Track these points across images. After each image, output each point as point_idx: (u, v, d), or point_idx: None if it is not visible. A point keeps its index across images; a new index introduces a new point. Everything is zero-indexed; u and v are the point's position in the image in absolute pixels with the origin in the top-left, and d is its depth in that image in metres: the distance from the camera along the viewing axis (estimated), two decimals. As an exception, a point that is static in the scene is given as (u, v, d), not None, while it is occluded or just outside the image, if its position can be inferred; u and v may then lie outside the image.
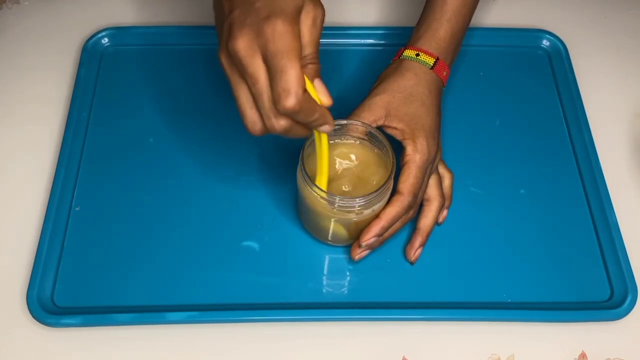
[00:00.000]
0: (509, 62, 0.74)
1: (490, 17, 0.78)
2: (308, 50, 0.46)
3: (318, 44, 0.47)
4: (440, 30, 0.61)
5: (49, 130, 0.68)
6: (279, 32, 0.43)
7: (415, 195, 0.56)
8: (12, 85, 0.71)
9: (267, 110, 0.45)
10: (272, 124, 0.46)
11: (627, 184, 0.66)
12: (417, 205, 0.59)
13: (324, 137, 0.51)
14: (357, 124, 0.56)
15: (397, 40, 0.71)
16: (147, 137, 0.67)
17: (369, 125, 0.56)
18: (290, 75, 0.43)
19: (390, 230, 0.57)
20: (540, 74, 0.74)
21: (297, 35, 0.44)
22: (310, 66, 0.46)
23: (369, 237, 0.56)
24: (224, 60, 0.46)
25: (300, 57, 0.44)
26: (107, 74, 0.71)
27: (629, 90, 0.73)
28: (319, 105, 0.46)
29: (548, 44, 0.75)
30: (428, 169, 0.57)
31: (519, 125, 0.69)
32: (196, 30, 0.75)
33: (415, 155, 0.56)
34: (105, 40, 0.74)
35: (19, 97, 0.70)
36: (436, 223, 0.61)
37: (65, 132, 0.66)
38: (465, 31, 0.64)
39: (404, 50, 0.61)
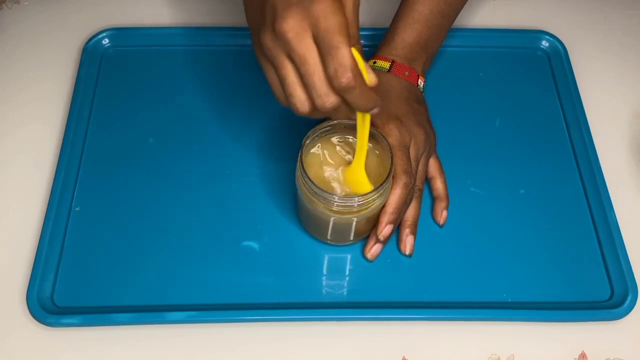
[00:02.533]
0: (508, 62, 0.74)
1: (489, 18, 0.78)
2: (352, 30, 0.46)
3: (359, 24, 0.47)
4: (398, 38, 0.64)
5: (49, 130, 0.68)
6: (329, 10, 0.43)
7: (407, 173, 0.57)
8: (12, 85, 0.71)
9: (318, 89, 0.45)
10: (323, 102, 0.46)
11: (627, 184, 0.66)
12: (417, 187, 0.60)
13: (367, 119, 0.51)
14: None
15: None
16: (147, 137, 0.67)
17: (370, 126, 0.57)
18: (345, 51, 0.44)
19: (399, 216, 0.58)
20: (539, 74, 0.74)
21: (344, 14, 0.45)
22: (356, 46, 0.47)
23: (382, 227, 0.57)
24: (268, 42, 0.46)
25: (349, 35, 0.45)
26: (108, 75, 0.72)
27: (629, 90, 0.73)
28: (369, 87, 0.47)
29: (547, 44, 0.75)
30: (412, 153, 0.58)
31: (518, 125, 0.69)
32: (196, 31, 0.75)
33: (389, 138, 0.57)
34: (105, 41, 0.74)
35: (19, 97, 0.70)
36: (438, 224, 0.62)
37: (65, 133, 0.66)
38: (438, 36, 0.66)
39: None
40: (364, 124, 0.51)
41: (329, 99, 0.46)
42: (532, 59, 0.75)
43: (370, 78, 0.48)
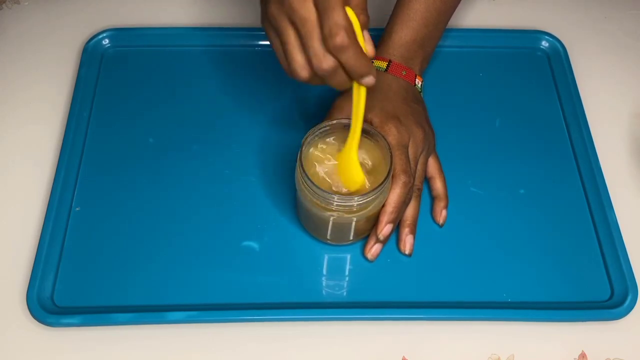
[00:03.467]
0: (508, 63, 0.75)
1: (489, 18, 0.78)
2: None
3: None
4: (395, 36, 0.64)
5: (49, 130, 0.68)
6: None
7: (406, 172, 0.57)
8: (13, 85, 0.71)
9: (315, 50, 0.47)
10: (320, 63, 0.48)
11: (627, 184, 0.66)
12: (416, 186, 0.60)
13: (363, 92, 0.51)
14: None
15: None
16: (147, 137, 0.67)
17: (369, 125, 0.57)
18: (339, 12, 0.45)
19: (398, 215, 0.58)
20: (539, 74, 0.74)
21: None
22: (360, 17, 0.48)
23: (382, 227, 0.57)
24: (273, 9, 0.48)
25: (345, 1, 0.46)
26: (108, 75, 0.72)
27: (629, 90, 0.73)
28: (365, 54, 0.48)
29: (547, 45, 0.75)
30: (411, 153, 0.58)
31: (518, 125, 0.69)
32: (196, 31, 0.75)
33: (388, 137, 0.57)
34: (106, 42, 0.74)
35: (19, 97, 0.70)
36: (438, 224, 0.62)
37: (65, 133, 0.66)
38: (435, 34, 0.66)
39: None
40: (359, 98, 0.51)
41: (325, 60, 0.47)
42: (532, 59, 0.75)
43: (367, 48, 0.49)
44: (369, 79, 0.49)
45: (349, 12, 0.47)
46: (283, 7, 0.47)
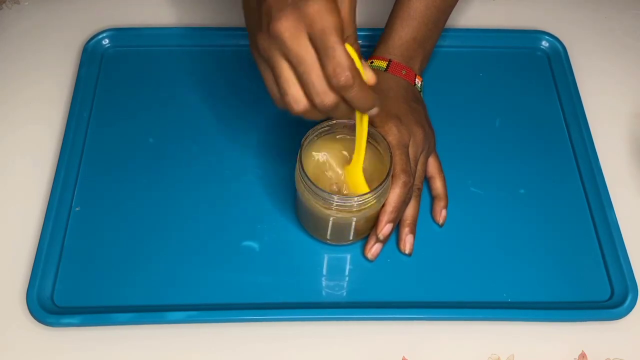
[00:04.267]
0: (508, 63, 0.75)
1: (489, 18, 0.78)
2: (349, 30, 0.47)
3: (356, 24, 0.48)
4: (395, 35, 0.64)
5: (49, 130, 0.68)
6: (324, 11, 0.44)
7: (406, 172, 0.57)
8: (13, 85, 0.71)
9: (317, 87, 0.46)
10: (322, 100, 0.46)
11: (627, 184, 0.66)
12: (416, 186, 0.60)
13: (365, 120, 0.51)
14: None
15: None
16: (147, 137, 0.67)
17: (370, 126, 0.57)
18: (342, 50, 0.44)
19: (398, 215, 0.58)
20: (539, 74, 0.74)
21: (339, 13, 0.45)
22: (354, 45, 0.47)
23: (382, 226, 0.57)
24: (264, 43, 0.46)
25: (343, 35, 0.45)
26: (108, 75, 0.72)
27: (629, 90, 0.73)
28: (369, 87, 0.48)
29: (547, 45, 0.75)
30: (411, 153, 0.58)
31: (518, 125, 0.69)
32: (196, 31, 0.75)
33: (388, 137, 0.57)
34: (105, 41, 0.74)
35: (19, 97, 0.70)
36: (437, 224, 0.62)
37: (65, 133, 0.66)
38: (434, 33, 0.66)
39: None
40: (362, 124, 0.52)
41: (327, 98, 0.46)
42: (532, 59, 0.75)
43: (368, 77, 0.48)
44: (374, 110, 0.49)
45: (347, 46, 0.45)
46: (273, 41, 0.45)
